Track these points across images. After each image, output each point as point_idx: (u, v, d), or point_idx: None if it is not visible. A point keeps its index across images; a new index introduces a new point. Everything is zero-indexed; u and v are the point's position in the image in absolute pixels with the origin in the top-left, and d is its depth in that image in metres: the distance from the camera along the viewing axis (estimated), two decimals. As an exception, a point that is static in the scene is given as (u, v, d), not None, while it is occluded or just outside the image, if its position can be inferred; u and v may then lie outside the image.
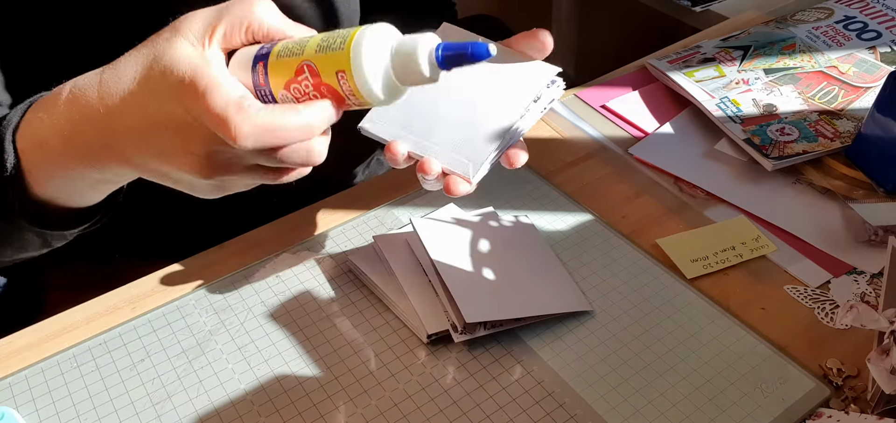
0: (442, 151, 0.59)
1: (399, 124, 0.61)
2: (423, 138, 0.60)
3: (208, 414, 0.56)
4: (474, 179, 0.58)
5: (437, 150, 0.59)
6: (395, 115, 0.61)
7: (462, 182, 0.58)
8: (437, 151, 0.59)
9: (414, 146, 0.60)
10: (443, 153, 0.59)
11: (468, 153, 0.59)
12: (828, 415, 0.55)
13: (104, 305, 0.65)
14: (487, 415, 0.56)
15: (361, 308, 0.64)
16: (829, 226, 0.72)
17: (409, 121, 0.61)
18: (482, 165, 0.58)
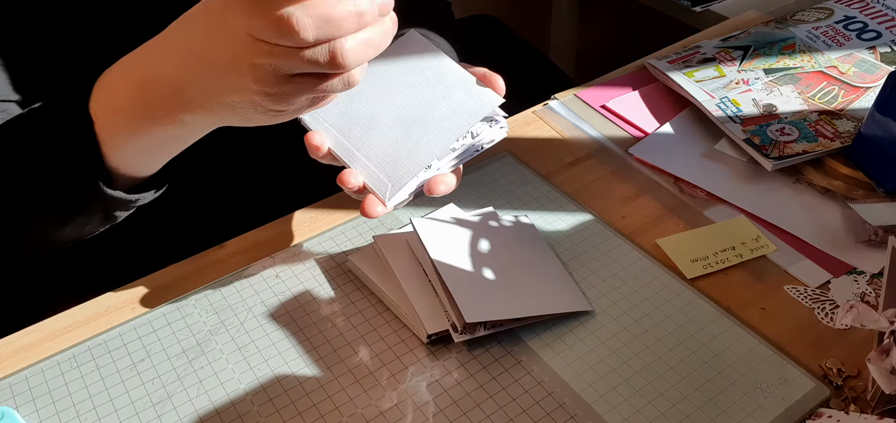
0: (367, 164, 0.59)
1: (336, 127, 0.61)
2: (353, 146, 0.60)
3: (208, 414, 0.56)
4: (390, 203, 0.58)
5: (362, 162, 0.59)
6: (334, 116, 0.61)
7: (378, 204, 0.58)
8: (362, 164, 0.59)
9: (340, 149, 0.60)
10: (367, 167, 0.59)
11: (391, 174, 0.59)
12: (828, 415, 0.55)
13: (104, 305, 0.65)
14: (487, 415, 0.56)
15: (361, 308, 0.64)
16: (829, 226, 0.72)
17: (347, 126, 0.61)
18: (400, 190, 0.58)
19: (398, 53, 0.65)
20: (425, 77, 0.64)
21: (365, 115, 0.62)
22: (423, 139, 0.60)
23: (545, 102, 0.89)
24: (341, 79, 0.51)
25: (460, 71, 0.63)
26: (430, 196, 0.60)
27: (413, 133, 0.60)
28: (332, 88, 0.51)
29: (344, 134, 0.61)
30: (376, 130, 0.61)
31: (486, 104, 0.61)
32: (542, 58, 1.27)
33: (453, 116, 0.61)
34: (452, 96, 0.62)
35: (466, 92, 0.62)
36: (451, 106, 0.61)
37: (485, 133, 0.61)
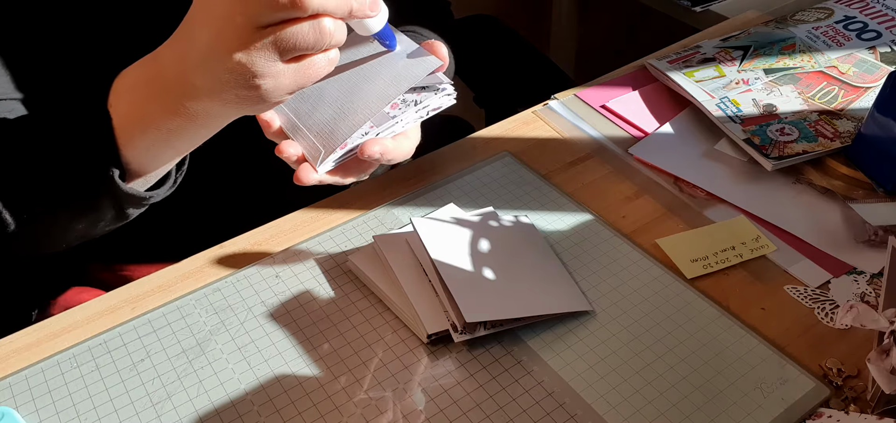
0: (307, 134, 0.60)
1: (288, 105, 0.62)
2: (298, 120, 0.61)
3: (208, 414, 0.56)
4: (321, 169, 0.59)
5: (303, 133, 0.60)
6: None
7: (311, 171, 0.59)
8: (303, 134, 0.60)
9: (288, 123, 0.61)
10: (306, 137, 0.60)
11: (325, 141, 0.59)
12: (828, 415, 0.55)
13: (104, 305, 0.65)
14: (487, 415, 0.56)
15: (361, 308, 0.64)
16: (829, 226, 0.72)
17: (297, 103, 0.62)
18: (331, 154, 0.59)
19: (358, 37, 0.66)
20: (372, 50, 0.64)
21: (314, 91, 0.63)
22: (360, 106, 0.61)
23: (545, 102, 0.89)
24: (312, 26, 0.51)
25: (406, 41, 0.64)
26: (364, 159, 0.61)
27: (353, 102, 0.61)
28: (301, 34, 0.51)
29: (293, 111, 0.62)
30: (321, 104, 0.62)
31: (423, 68, 0.62)
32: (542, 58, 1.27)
33: (392, 81, 0.62)
34: (394, 65, 0.63)
35: (406, 59, 0.63)
36: (392, 73, 0.62)
37: (430, 100, 0.62)
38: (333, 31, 0.52)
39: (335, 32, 0.53)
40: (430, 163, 0.81)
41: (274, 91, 0.54)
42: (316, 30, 0.52)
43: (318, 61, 0.54)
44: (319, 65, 0.54)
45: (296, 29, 0.51)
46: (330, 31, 0.52)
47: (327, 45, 0.53)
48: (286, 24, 0.51)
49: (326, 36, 0.52)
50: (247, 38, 0.51)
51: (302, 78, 0.54)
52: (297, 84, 0.54)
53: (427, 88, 0.62)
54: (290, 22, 0.51)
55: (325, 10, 0.51)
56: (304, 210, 0.75)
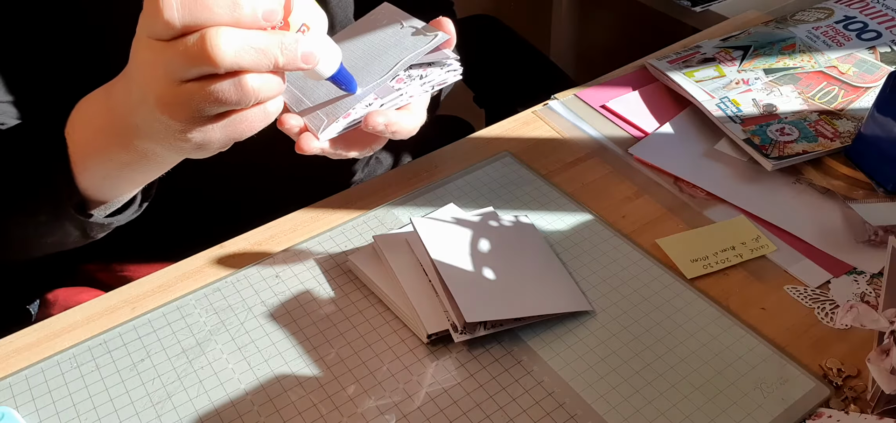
0: (309, 106, 0.60)
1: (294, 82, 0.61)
2: (303, 92, 0.61)
3: (208, 414, 0.56)
4: (322, 136, 0.58)
5: (306, 105, 0.60)
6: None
7: (312, 139, 0.58)
8: (306, 106, 0.60)
9: (292, 98, 0.60)
10: (309, 109, 0.59)
11: (329, 110, 0.59)
12: (828, 415, 0.55)
13: (104, 305, 0.65)
14: (487, 415, 0.56)
15: (361, 308, 0.64)
16: (829, 226, 0.72)
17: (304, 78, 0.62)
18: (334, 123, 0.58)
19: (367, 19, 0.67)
20: (382, 30, 0.64)
21: None
22: (365, 78, 0.60)
23: (545, 102, 0.89)
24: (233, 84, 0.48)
25: (417, 21, 0.64)
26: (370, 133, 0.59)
27: (358, 74, 0.61)
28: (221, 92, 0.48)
29: (298, 86, 0.61)
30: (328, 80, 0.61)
31: (429, 41, 0.61)
32: (542, 58, 1.27)
33: (398, 55, 0.61)
34: (402, 41, 0.63)
35: (413, 34, 0.63)
36: (398, 49, 0.62)
37: (435, 75, 0.61)
38: (259, 87, 0.48)
39: (262, 88, 0.49)
40: (430, 163, 0.81)
41: (206, 144, 0.51)
42: (238, 88, 0.48)
43: (251, 115, 0.50)
44: (253, 119, 0.51)
45: (216, 87, 0.47)
46: (255, 87, 0.48)
47: (254, 101, 0.49)
48: (206, 81, 0.47)
49: (250, 94, 0.48)
50: (168, 91, 0.48)
51: (233, 133, 0.51)
52: (229, 138, 0.51)
53: (433, 64, 0.62)
54: (209, 79, 0.47)
55: (241, 67, 0.47)
56: (304, 210, 0.75)
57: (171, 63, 0.47)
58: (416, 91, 0.61)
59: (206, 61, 0.46)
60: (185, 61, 0.46)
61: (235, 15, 0.46)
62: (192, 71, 0.47)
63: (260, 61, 0.48)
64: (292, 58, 0.49)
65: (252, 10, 0.46)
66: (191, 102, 0.48)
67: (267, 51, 0.48)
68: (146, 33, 0.48)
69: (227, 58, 0.46)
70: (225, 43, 0.46)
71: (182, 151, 0.53)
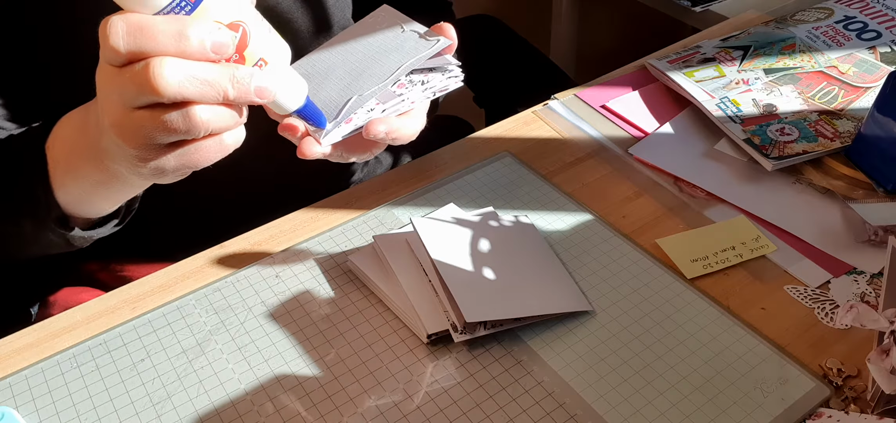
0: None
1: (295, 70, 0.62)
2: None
3: (208, 414, 0.56)
4: (324, 141, 0.58)
5: None
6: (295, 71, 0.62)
7: (314, 143, 0.58)
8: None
9: None
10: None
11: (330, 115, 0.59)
12: (828, 415, 0.55)
13: (104, 305, 0.65)
14: (487, 415, 0.56)
15: (361, 308, 0.64)
16: (829, 226, 0.72)
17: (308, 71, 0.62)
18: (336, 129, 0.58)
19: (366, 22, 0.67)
20: (383, 33, 0.64)
21: (321, 69, 0.63)
22: (367, 84, 0.61)
23: (545, 102, 0.89)
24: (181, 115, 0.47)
25: (418, 25, 0.64)
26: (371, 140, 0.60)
27: (360, 80, 0.61)
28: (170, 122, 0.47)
29: None
30: (328, 81, 0.62)
31: (432, 48, 0.61)
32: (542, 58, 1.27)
33: (399, 61, 0.61)
34: (403, 45, 0.63)
35: (415, 39, 0.63)
36: (400, 53, 0.62)
37: (437, 81, 0.62)
38: (208, 119, 0.48)
39: (211, 121, 0.48)
40: (430, 163, 0.81)
41: (161, 171, 0.51)
42: (185, 119, 0.47)
43: (205, 147, 0.50)
44: (207, 150, 0.50)
45: (165, 118, 0.47)
46: (204, 119, 0.47)
47: (205, 133, 0.48)
48: (156, 110, 0.47)
49: (198, 125, 0.48)
50: (122, 117, 0.48)
51: (187, 162, 0.50)
52: (184, 167, 0.51)
53: (434, 69, 0.62)
54: (159, 108, 0.47)
55: (186, 98, 0.46)
56: (304, 210, 0.75)
57: (122, 89, 0.47)
58: (418, 97, 0.61)
59: (149, 90, 0.46)
60: (133, 89, 0.46)
61: (180, 46, 0.46)
62: (140, 98, 0.47)
63: (206, 93, 0.47)
64: (244, 91, 0.48)
65: (199, 41, 0.46)
66: (142, 130, 0.48)
67: (215, 83, 0.47)
68: (102, 58, 0.48)
69: (169, 88, 0.46)
70: (169, 73, 0.45)
71: (142, 176, 0.53)
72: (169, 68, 0.45)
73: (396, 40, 0.63)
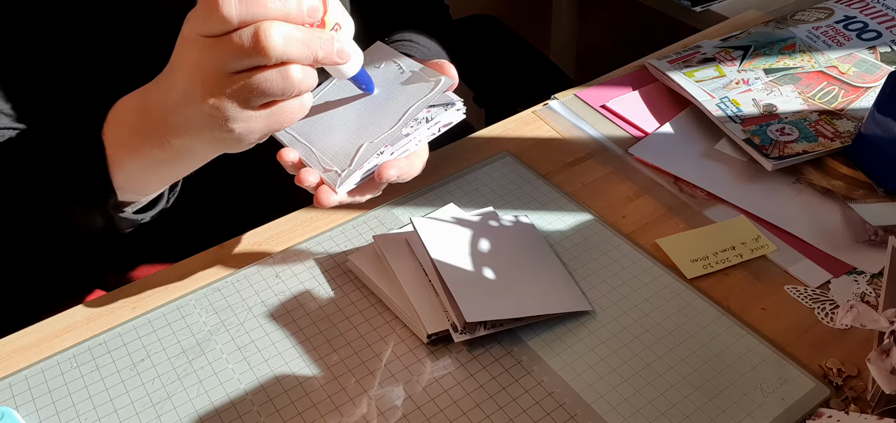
0: (323, 160, 0.61)
1: (301, 135, 0.63)
2: (312, 145, 0.62)
3: (208, 414, 0.56)
4: (340, 190, 0.60)
5: (319, 158, 0.61)
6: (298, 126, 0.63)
7: (330, 193, 0.60)
8: (319, 160, 0.61)
9: (304, 152, 0.62)
10: (323, 162, 0.61)
11: (342, 164, 0.61)
12: (828, 415, 0.55)
13: (104, 305, 0.65)
14: (487, 415, 0.56)
15: (361, 308, 0.64)
16: (829, 226, 0.72)
17: (310, 132, 0.63)
18: (350, 177, 0.60)
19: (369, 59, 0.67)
20: (382, 75, 0.66)
21: (325, 120, 0.64)
22: (375, 129, 0.62)
23: (545, 102, 0.89)
24: (279, 73, 0.51)
25: (414, 64, 0.66)
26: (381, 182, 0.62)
27: (367, 126, 0.62)
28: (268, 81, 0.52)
29: (306, 137, 0.63)
30: (335, 130, 0.63)
31: (436, 88, 0.63)
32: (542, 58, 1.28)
33: (405, 103, 0.63)
34: (407, 88, 0.64)
35: (419, 80, 0.64)
36: (405, 95, 0.63)
37: (441, 116, 0.63)
38: (302, 78, 0.52)
39: (304, 80, 0.53)
40: (430, 163, 0.81)
41: (247, 134, 0.54)
42: (284, 77, 0.52)
43: (290, 106, 0.54)
44: (292, 110, 0.54)
45: (264, 76, 0.51)
46: (298, 78, 0.52)
47: (296, 91, 0.53)
48: (254, 72, 0.51)
49: (295, 84, 0.52)
50: (216, 84, 0.52)
51: (274, 123, 0.54)
52: (270, 128, 0.55)
53: (436, 105, 0.63)
54: (257, 69, 0.51)
55: (288, 57, 0.51)
56: (304, 210, 0.75)
57: (223, 56, 0.51)
58: (424, 136, 0.63)
59: (259, 52, 0.50)
60: (237, 53, 0.50)
61: (286, 9, 0.51)
62: (243, 62, 0.51)
63: (304, 54, 0.52)
64: (329, 53, 0.54)
65: (298, 5, 0.51)
66: (239, 93, 0.52)
67: (310, 44, 0.52)
68: (197, 32, 0.51)
69: (278, 48, 0.50)
70: (276, 35, 0.50)
71: (222, 144, 0.56)
72: (277, 31, 0.50)
73: (396, 81, 0.65)
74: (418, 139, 0.62)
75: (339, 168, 0.60)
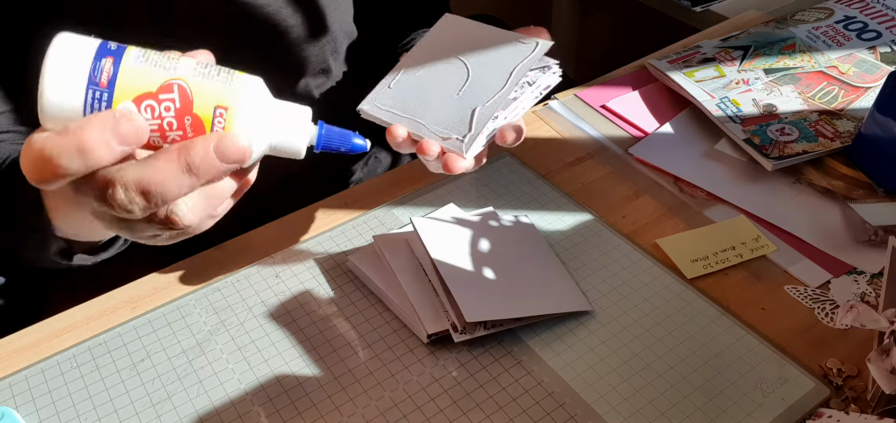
0: (437, 129, 0.61)
1: (397, 106, 0.63)
2: (419, 118, 0.62)
3: (208, 414, 0.56)
4: (468, 154, 0.60)
5: (433, 129, 0.61)
6: (391, 96, 0.63)
7: (459, 159, 0.60)
8: (432, 130, 0.61)
9: (412, 126, 0.62)
10: (438, 132, 0.61)
11: (461, 131, 0.61)
12: (828, 415, 0.55)
13: (104, 305, 0.65)
14: (487, 415, 0.56)
15: (361, 308, 0.64)
16: (829, 226, 0.72)
17: (405, 102, 0.63)
18: (475, 140, 0.60)
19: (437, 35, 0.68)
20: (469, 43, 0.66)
21: (420, 92, 0.64)
22: (482, 94, 0.62)
23: (545, 102, 0.89)
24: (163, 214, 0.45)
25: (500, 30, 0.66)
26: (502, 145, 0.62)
27: (472, 92, 0.62)
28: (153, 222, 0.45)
29: (406, 110, 0.63)
30: (436, 100, 0.63)
31: (538, 49, 0.63)
32: (542, 58, 1.27)
33: (507, 67, 0.63)
34: (501, 52, 0.64)
35: (514, 44, 0.64)
36: (504, 59, 0.64)
37: (540, 79, 0.63)
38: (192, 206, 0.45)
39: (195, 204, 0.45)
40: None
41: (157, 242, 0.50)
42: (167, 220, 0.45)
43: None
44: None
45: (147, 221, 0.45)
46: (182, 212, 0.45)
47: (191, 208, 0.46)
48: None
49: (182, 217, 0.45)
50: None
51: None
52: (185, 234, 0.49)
53: (534, 68, 0.64)
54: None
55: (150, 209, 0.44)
56: (304, 210, 0.75)
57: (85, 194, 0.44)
58: (529, 99, 0.63)
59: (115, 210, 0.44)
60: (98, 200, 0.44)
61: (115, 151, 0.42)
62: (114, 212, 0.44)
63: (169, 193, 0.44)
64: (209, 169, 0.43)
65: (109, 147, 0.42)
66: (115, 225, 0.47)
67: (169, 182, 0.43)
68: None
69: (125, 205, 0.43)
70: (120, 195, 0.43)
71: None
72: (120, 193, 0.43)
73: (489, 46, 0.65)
74: (526, 104, 0.63)
75: (458, 135, 0.60)
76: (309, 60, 0.81)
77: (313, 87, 0.84)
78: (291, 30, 0.78)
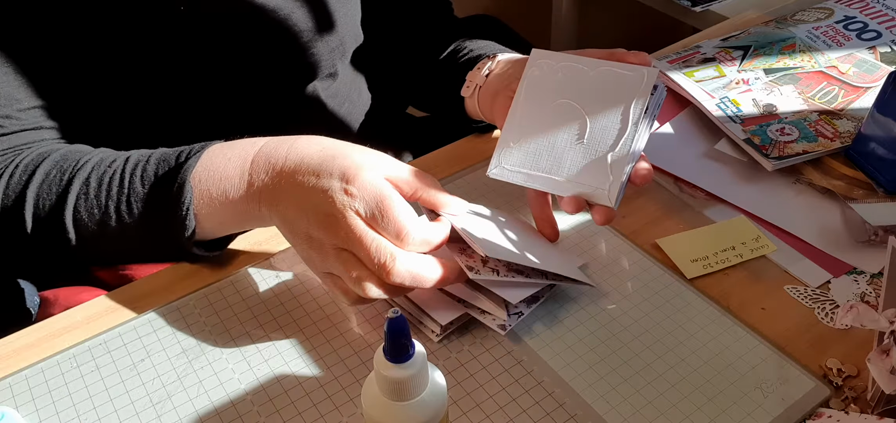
0: (576, 187, 0.62)
1: (527, 165, 0.64)
2: (554, 175, 0.63)
3: (208, 414, 0.56)
4: (615, 203, 0.61)
5: (572, 186, 0.62)
6: (518, 156, 0.64)
7: (608, 210, 0.62)
8: (567, 186, 0.62)
9: (548, 186, 0.63)
10: (578, 190, 0.62)
11: (602, 183, 0.61)
12: (828, 415, 0.55)
13: (104, 305, 0.65)
14: (487, 415, 0.56)
15: (361, 308, 0.64)
16: (829, 226, 0.72)
17: (534, 159, 0.64)
18: (618, 185, 0.61)
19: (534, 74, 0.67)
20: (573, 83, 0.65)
21: (544, 142, 0.64)
22: (606, 137, 0.62)
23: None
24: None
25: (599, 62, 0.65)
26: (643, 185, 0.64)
27: (596, 138, 0.63)
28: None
29: (536, 167, 0.63)
30: (561, 153, 0.63)
31: (647, 81, 0.63)
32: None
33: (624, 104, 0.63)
34: (612, 89, 0.64)
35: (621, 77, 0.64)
36: (618, 96, 0.63)
37: (652, 103, 0.64)
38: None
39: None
40: (430, 163, 0.81)
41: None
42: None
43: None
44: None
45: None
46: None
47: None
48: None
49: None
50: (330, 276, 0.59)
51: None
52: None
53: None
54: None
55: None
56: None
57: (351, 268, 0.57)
58: (647, 127, 0.64)
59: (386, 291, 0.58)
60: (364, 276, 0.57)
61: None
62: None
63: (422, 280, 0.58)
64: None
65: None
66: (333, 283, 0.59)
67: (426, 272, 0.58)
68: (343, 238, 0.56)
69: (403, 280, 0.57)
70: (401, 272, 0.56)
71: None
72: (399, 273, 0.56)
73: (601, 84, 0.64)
74: (647, 134, 0.64)
75: (597, 184, 0.61)
76: (319, 64, 0.81)
77: (321, 89, 0.84)
78: (303, 34, 0.78)
